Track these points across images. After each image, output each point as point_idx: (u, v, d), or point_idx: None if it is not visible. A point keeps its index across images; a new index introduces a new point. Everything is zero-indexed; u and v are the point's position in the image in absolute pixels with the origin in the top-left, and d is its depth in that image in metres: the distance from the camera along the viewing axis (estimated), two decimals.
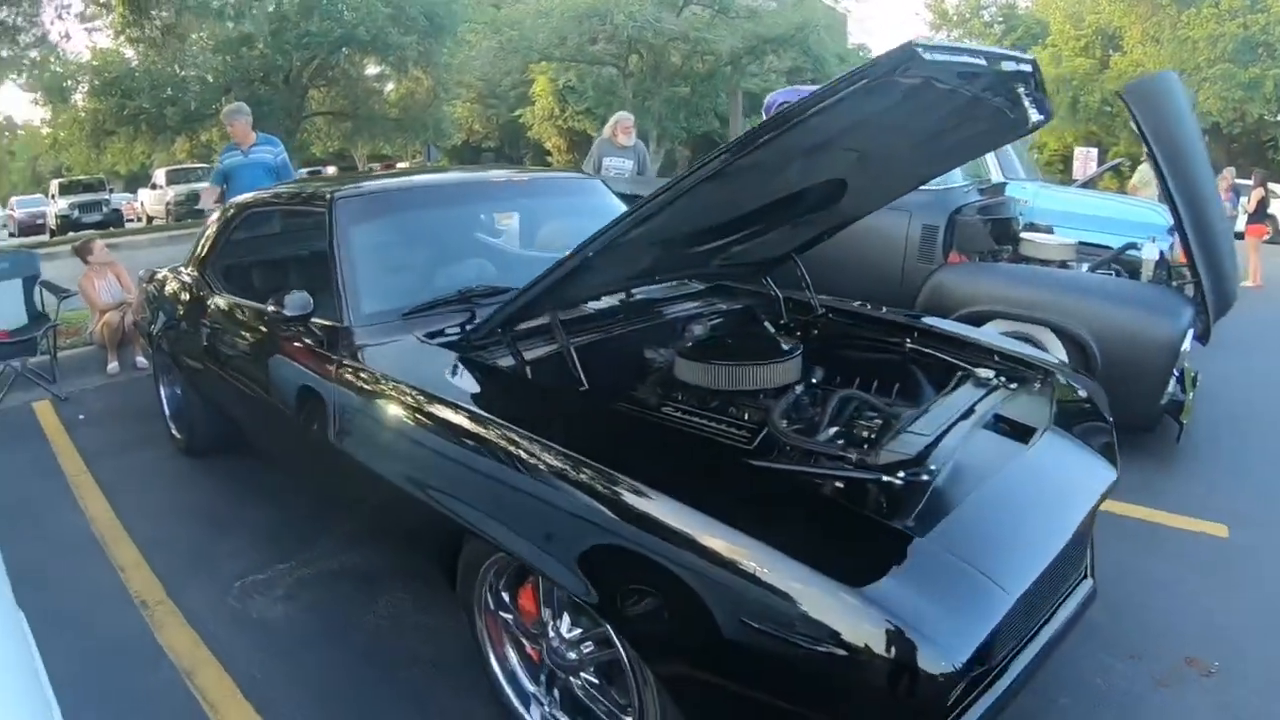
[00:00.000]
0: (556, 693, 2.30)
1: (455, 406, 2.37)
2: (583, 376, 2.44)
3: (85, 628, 3.11)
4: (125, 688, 2.78)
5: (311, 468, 3.29)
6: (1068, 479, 2.29)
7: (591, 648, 2.12)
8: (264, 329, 3.30)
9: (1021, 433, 2.37)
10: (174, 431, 4.75)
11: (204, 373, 3.96)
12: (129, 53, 18.39)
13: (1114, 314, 4.36)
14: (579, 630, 2.15)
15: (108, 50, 18.47)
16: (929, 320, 3.30)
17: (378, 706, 2.63)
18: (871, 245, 5.21)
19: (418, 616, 3.05)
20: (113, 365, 6.37)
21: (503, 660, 2.43)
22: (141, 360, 6.23)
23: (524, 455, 2.11)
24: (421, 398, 2.47)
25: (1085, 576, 2.38)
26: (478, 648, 2.47)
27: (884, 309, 3.45)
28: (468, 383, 2.51)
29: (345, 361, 2.77)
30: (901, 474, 2.01)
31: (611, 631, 1.97)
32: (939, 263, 5.17)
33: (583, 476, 1.98)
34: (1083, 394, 2.76)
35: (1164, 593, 3.11)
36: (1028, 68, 2.19)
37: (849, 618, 1.59)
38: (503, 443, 2.18)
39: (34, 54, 16.89)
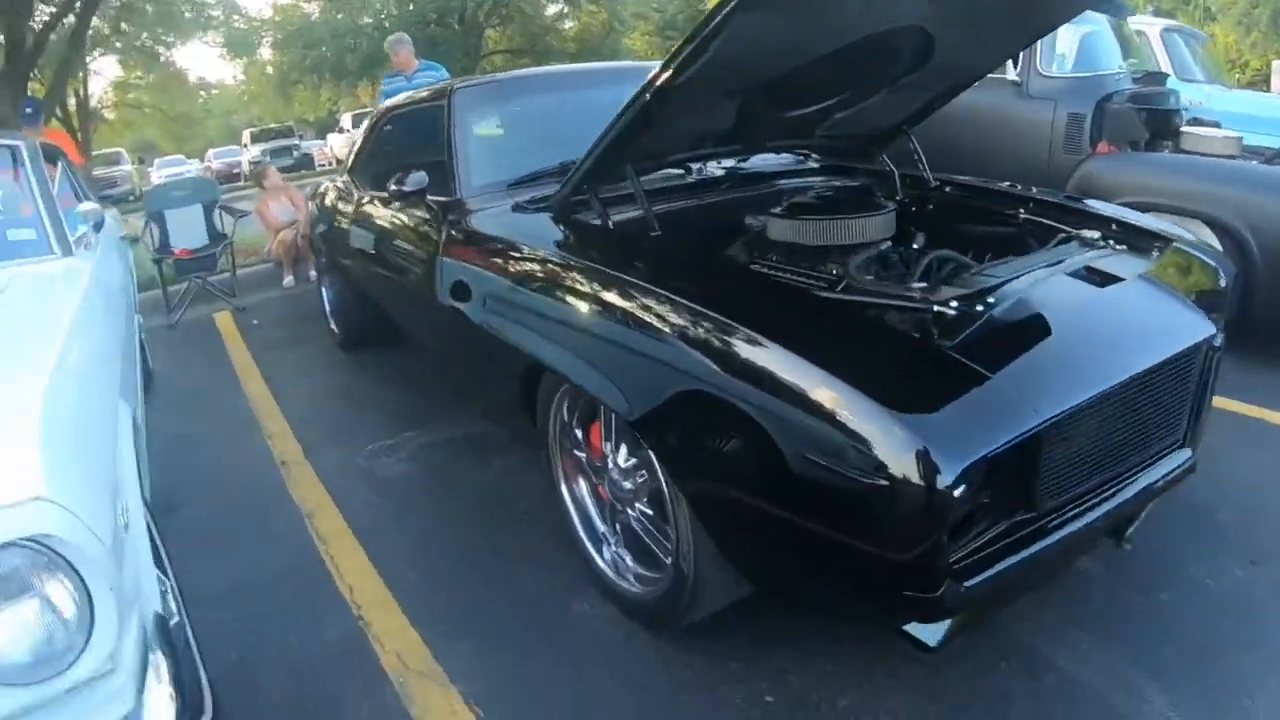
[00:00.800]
0: (620, 530, 2.41)
1: (532, 253, 2.54)
2: (655, 223, 2.49)
3: (230, 480, 3.53)
4: (255, 523, 3.14)
5: (428, 333, 3.56)
6: (1145, 322, 2.13)
7: (644, 476, 2.21)
8: (391, 214, 3.60)
9: (1107, 280, 2.24)
10: (332, 327, 5.19)
11: (350, 266, 4.34)
12: (309, 6, 19.50)
13: (1276, 208, 3.95)
14: (634, 460, 2.24)
15: (288, 5, 19.65)
16: (1051, 192, 3.12)
17: (472, 549, 2.83)
18: (1014, 136, 4.96)
19: (522, 476, 3.23)
20: (288, 280, 6.92)
21: (576, 497, 2.55)
22: (314, 274, 6.73)
23: (580, 285, 2.23)
24: (506, 248, 2.66)
25: (1181, 445, 2.20)
26: (553, 485, 2.61)
27: (1008, 184, 3.28)
28: (548, 233, 2.65)
29: (452, 229, 3.00)
30: (954, 303, 1.96)
31: (648, 450, 2.05)
32: (1086, 153, 4.84)
33: (627, 298, 2.07)
34: (1200, 260, 2.54)
35: None
36: None
37: (844, 412, 1.58)
38: (564, 276, 2.32)
39: (217, 13, 18.12)
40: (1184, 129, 5.25)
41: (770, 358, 1.73)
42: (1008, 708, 2.00)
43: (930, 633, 1.79)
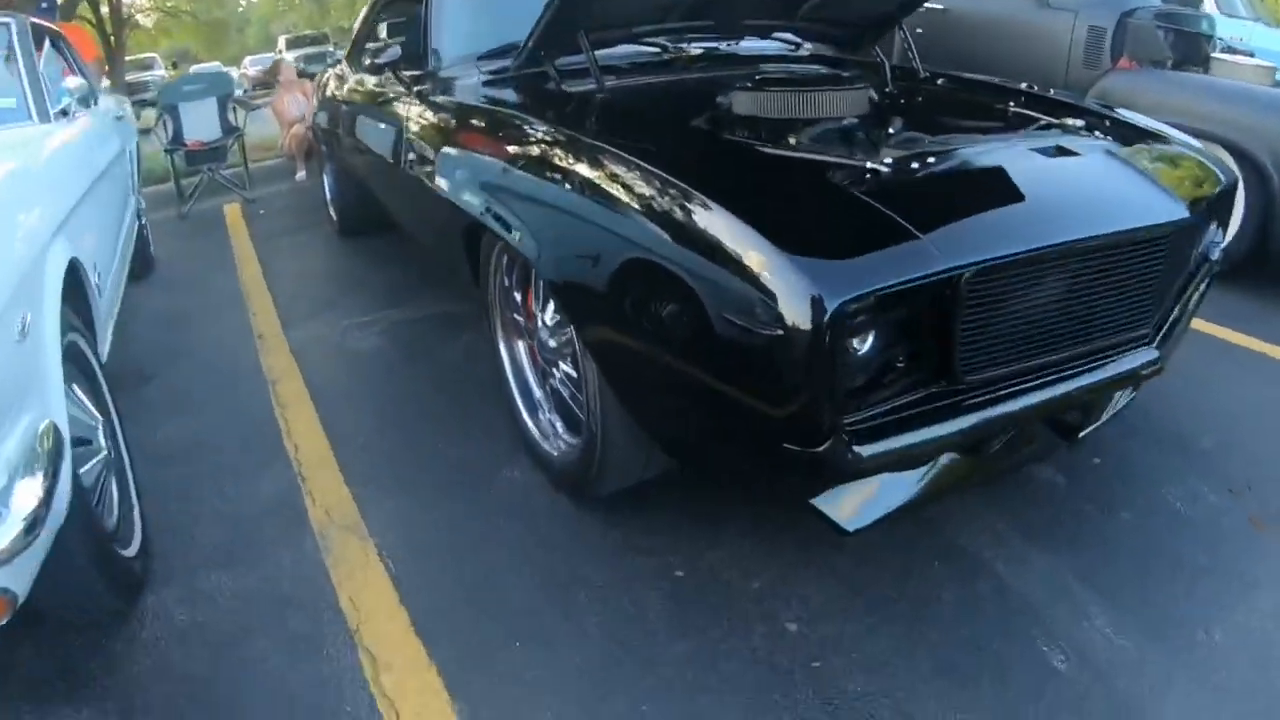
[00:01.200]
0: (550, 393, 2.42)
1: (477, 114, 2.56)
2: (605, 87, 2.44)
3: (208, 352, 3.61)
4: (223, 390, 3.21)
5: (398, 206, 3.60)
6: (1102, 193, 1.98)
7: (566, 335, 2.20)
8: (371, 91, 3.64)
9: (1071, 153, 2.09)
10: (331, 214, 5.25)
11: (341, 148, 4.38)
12: None
13: None
14: (557, 318, 2.24)
15: None
16: (1050, 90, 2.96)
17: (420, 417, 2.87)
18: (1032, 47, 4.78)
19: (483, 350, 3.22)
20: (300, 174, 6.95)
21: (513, 360, 2.56)
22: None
23: (505, 136, 2.27)
24: (460, 114, 2.68)
25: (1149, 344, 2.05)
26: (494, 349, 2.62)
27: (1001, 80, 3.13)
28: (503, 98, 2.65)
29: (419, 99, 3.01)
30: (889, 161, 1.87)
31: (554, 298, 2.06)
32: (1105, 68, 4.63)
33: (540, 146, 2.07)
34: (1199, 161, 2.37)
35: None
36: None
37: (731, 251, 1.53)
38: (496, 131, 2.36)
39: None
40: (1215, 55, 4.99)
41: (668, 200, 1.68)
42: (932, 609, 1.93)
43: (845, 515, 1.73)
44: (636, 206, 1.74)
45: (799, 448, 1.54)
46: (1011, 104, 2.67)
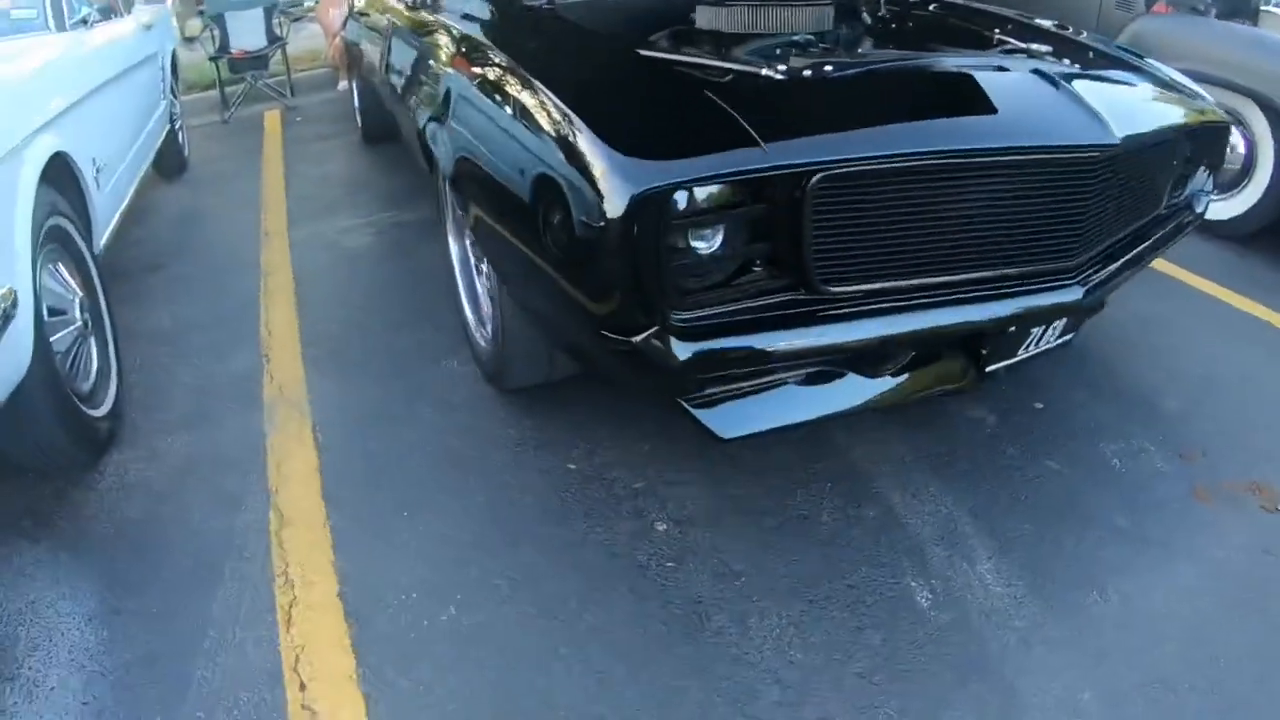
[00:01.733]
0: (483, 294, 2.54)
1: (434, 25, 2.67)
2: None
3: (215, 246, 3.86)
4: (220, 280, 3.46)
5: (390, 108, 3.72)
6: (1013, 109, 1.86)
7: None
8: (379, 2, 3.75)
9: (1003, 69, 2.01)
10: (358, 122, 5.39)
11: (361, 58, 4.50)
12: None
13: None
14: None
15: None
16: (1054, 24, 2.80)
17: (386, 307, 3.07)
18: None
19: None
20: (342, 84, 7.10)
21: (461, 258, 2.69)
22: None
23: (441, 46, 2.37)
24: (433, 26, 2.75)
25: (1074, 283, 1.91)
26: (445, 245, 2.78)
27: (1005, 9, 3.02)
28: (478, 12, 2.63)
29: (410, 8, 3.11)
30: (782, 68, 1.88)
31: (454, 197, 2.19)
32: (1140, 11, 4.42)
33: (455, 55, 2.16)
34: (1199, 104, 2.27)
35: (1270, 408, 2.40)
36: None
37: (571, 148, 1.62)
38: (441, 43, 2.45)
39: None
40: (1265, 8, 4.69)
41: (543, 111, 1.77)
42: (807, 529, 1.95)
43: (721, 421, 1.77)
44: (516, 116, 1.84)
45: (616, 336, 1.60)
46: (995, 30, 2.55)
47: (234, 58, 6.59)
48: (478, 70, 2.08)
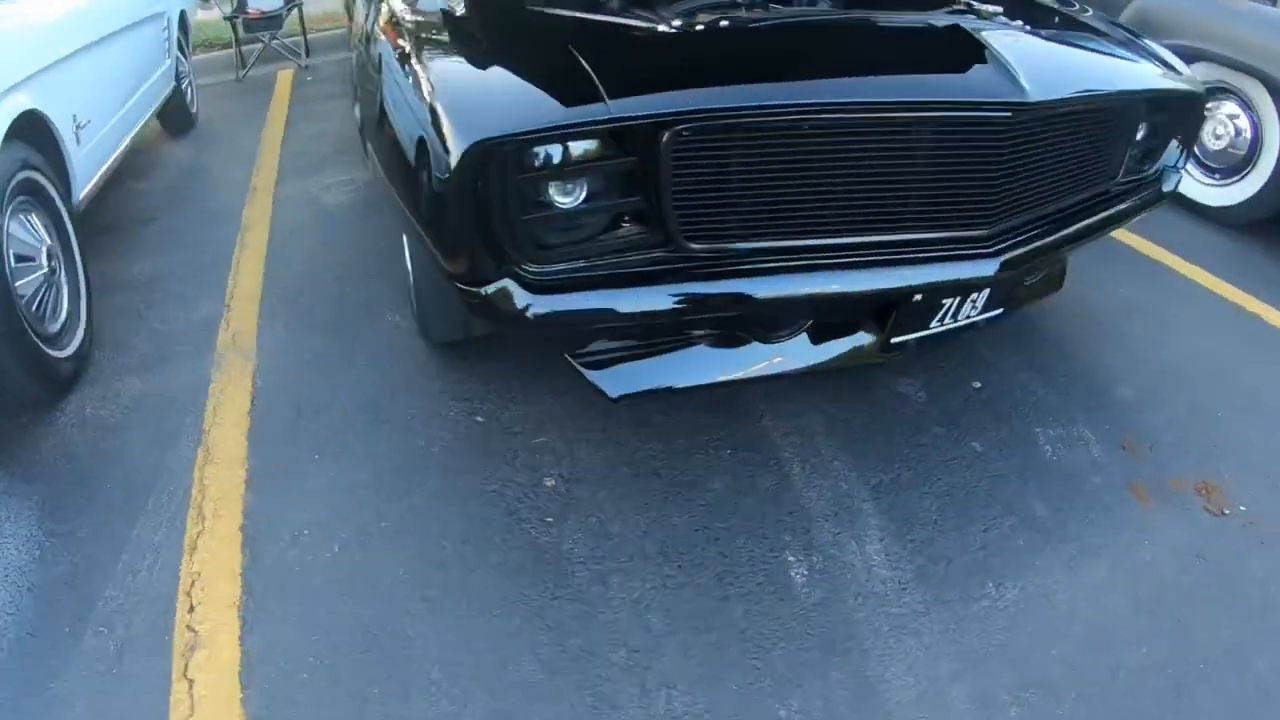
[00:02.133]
0: None
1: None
2: None
3: (204, 201, 4.00)
4: (202, 233, 3.61)
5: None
6: (915, 63, 1.86)
7: None
8: None
9: (932, 32, 1.98)
10: (354, 82, 5.50)
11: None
12: None
13: None
14: None
15: None
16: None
17: (347, 262, 3.21)
18: None
19: None
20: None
21: None
22: None
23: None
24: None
25: (988, 254, 1.81)
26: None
27: None
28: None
29: None
30: (677, 23, 1.91)
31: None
32: None
33: (385, 24, 2.26)
34: (1147, 65, 2.21)
35: (1236, 403, 2.30)
36: None
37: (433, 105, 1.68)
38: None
39: None
40: None
41: (431, 69, 1.82)
42: (695, 494, 1.99)
43: (612, 381, 1.84)
44: (410, 80, 1.89)
45: (468, 289, 1.66)
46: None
47: (249, 18, 6.73)
48: (396, 38, 2.17)
